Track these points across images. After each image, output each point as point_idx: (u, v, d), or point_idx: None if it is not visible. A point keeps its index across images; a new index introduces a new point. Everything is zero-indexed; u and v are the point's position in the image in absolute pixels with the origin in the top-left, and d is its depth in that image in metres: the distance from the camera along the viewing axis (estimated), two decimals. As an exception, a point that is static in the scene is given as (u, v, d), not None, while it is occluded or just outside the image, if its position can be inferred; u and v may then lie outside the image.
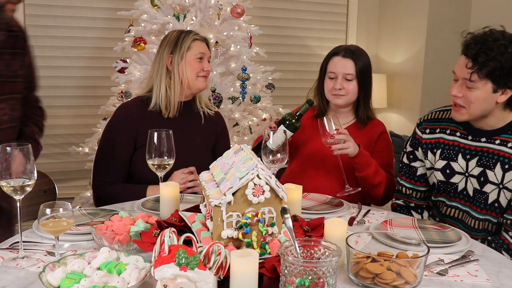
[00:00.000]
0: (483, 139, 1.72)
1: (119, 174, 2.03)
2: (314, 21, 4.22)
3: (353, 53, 2.09)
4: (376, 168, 2.00)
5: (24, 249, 1.30)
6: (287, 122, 1.98)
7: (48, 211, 1.24)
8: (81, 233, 1.44)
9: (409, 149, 1.94)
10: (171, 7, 2.93)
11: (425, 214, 1.95)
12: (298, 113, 2.01)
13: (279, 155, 1.67)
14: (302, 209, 1.65)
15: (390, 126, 4.16)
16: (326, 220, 1.33)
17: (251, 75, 3.06)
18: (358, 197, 2.07)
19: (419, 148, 1.89)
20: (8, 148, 1.24)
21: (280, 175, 2.29)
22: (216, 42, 2.93)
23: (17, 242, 1.33)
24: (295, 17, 4.13)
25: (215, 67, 2.90)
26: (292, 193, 1.56)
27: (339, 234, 1.27)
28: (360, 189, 2.01)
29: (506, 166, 1.66)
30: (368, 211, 1.80)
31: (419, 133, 1.90)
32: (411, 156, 1.92)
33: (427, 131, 1.87)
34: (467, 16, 3.93)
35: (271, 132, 1.71)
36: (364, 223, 1.66)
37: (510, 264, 1.34)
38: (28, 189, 1.28)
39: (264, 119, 3.20)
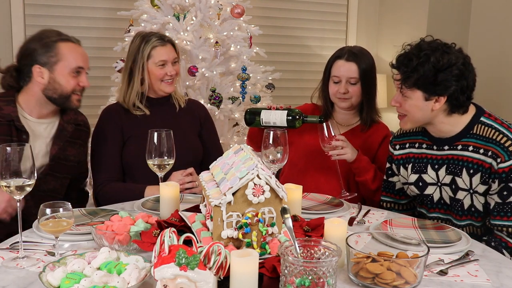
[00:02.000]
0: (446, 147, 1.74)
1: (114, 169, 2.07)
2: (314, 21, 4.22)
3: (356, 55, 2.08)
4: (375, 174, 2.01)
5: (24, 249, 1.30)
6: (290, 117, 1.92)
7: (48, 211, 1.24)
8: (81, 233, 1.44)
9: (387, 165, 1.96)
10: (171, 7, 2.93)
11: None
12: (306, 118, 1.95)
13: (279, 155, 1.67)
14: (302, 209, 1.65)
15: (390, 126, 4.13)
16: (326, 220, 1.33)
17: (251, 75, 3.06)
18: (358, 197, 2.07)
19: (393, 164, 1.92)
20: (8, 148, 1.24)
21: (281, 169, 2.28)
22: (216, 42, 2.93)
23: (17, 242, 1.33)
24: (295, 17, 4.13)
25: (215, 67, 2.90)
26: (292, 193, 1.56)
27: (339, 234, 1.27)
28: (356, 194, 2.02)
29: (471, 171, 1.67)
30: (368, 211, 1.80)
31: (391, 149, 1.94)
32: (389, 172, 1.95)
33: (397, 147, 1.90)
34: (467, 16, 3.93)
35: (276, 109, 1.87)
36: (364, 223, 1.66)
37: (510, 264, 1.34)
38: (28, 189, 1.28)
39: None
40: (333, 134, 1.91)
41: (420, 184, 1.80)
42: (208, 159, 2.10)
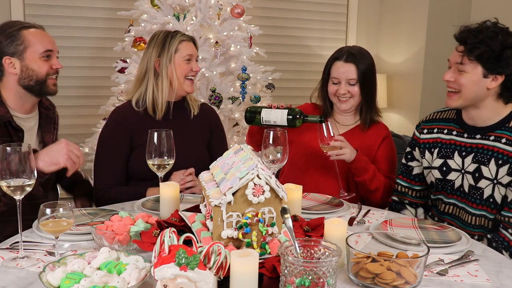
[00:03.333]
0: (478, 136, 1.76)
1: (118, 177, 2.03)
2: (314, 21, 4.22)
3: (355, 56, 2.08)
4: (373, 174, 2.01)
5: (24, 249, 1.30)
6: (291, 116, 1.91)
7: (48, 211, 1.24)
8: (81, 233, 1.44)
9: (408, 149, 1.98)
10: (171, 7, 2.93)
11: (420, 210, 1.98)
12: (307, 117, 1.93)
13: (279, 154, 1.66)
14: (302, 209, 1.65)
15: (390, 126, 4.13)
16: (326, 220, 1.33)
17: (251, 75, 3.06)
18: (357, 197, 2.07)
19: (416, 148, 1.93)
20: (8, 148, 1.24)
21: (280, 170, 2.28)
22: (216, 42, 2.93)
23: (17, 242, 1.33)
24: (295, 17, 4.13)
25: (215, 67, 2.90)
26: (292, 193, 1.56)
27: (339, 234, 1.27)
28: (354, 194, 2.02)
29: (500, 162, 1.68)
30: (368, 211, 1.80)
31: (417, 133, 1.95)
32: (409, 156, 1.97)
33: (425, 131, 1.91)
34: (467, 16, 3.93)
35: (277, 108, 1.84)
36: (364, 223, 1.66)
37: (510, 264, 1.34)
38: (28, 189, 1.28)
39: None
40: (332, 134, 1.91)
41: (444, 169, 1.81)
42: None
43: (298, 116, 1.91)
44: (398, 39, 4.22)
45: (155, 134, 1.70)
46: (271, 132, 1.67)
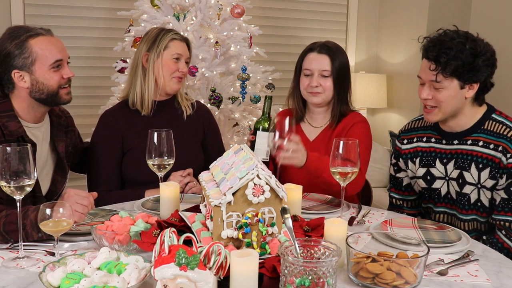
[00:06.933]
0: (456, 142, 1.75)
1: (112, 181, 2.01)
2: (314, 21, 4.22)
3: (330, 49, 2.01)
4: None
5: (24, 249, 1.30)
6: (260, 126, 1.85)
7: (48, 211, 1.24)
8: (81, 233, 1.44)
9: (393, 161, 1.97)
10: (171, 7, 2.93)
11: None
12: (264, 112, 1.87)
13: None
14: (302, 209, 1.65)
15: (390, 126, 4.16)
16: (326, 220, 1.33)
17: (251, 75, 3.06)
18: (356, 197, 2.07)
19: (400, 159, 1.92)
20: (8, 148, 1.24)
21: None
22: (216, 42, 2.93)
23: (17, 242, 1.33)
24: (295, 17, 4.13)
25: (215, 67, 2.90)
26: (292, 193, 1.56)
27: (339, 234, 1.27)
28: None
29: (480, 166, 1.68)
30: (368, 211, 1.80)
31: (398, 144, 1.94)
32: (395, 168, 1.96)
33: (405, 141, 1.90)
34: (467, 16, 3.93)
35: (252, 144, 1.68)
36: (364, 223, 1.66)
37: (510, 264, 1.34)
38: (28, 189, 1.28)
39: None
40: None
41: (428, 178, 1.81)
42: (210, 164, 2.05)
43: (263, 121, 1.85)
44: (398, 39, 4.22)
45: (155, 134, 1.70)
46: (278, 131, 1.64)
